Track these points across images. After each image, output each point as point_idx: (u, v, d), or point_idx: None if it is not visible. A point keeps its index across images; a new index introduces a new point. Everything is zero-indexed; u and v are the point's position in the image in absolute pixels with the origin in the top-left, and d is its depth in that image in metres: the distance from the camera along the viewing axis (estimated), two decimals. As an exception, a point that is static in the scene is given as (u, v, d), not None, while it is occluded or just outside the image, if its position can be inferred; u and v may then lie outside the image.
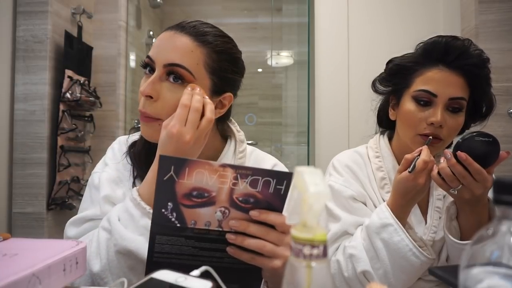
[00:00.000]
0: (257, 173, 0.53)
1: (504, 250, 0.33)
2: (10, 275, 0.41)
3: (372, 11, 2.06)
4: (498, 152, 0.76)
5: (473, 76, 0.89)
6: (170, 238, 0.56)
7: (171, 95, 0.72)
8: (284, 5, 2.44)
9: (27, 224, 1.62)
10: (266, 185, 0.54)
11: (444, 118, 0.87)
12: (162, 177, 0.53)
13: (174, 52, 0.72)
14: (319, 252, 0.31)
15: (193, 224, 0.55)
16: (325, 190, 0.32)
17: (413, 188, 0.80)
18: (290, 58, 2.47)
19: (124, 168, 0.82)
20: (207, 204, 0.55)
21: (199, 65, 0.73)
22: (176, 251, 0.57)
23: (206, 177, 0.53)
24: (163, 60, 0.72)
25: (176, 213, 0.55)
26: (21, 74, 1.64)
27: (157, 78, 0.72)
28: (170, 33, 0.75)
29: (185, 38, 0.74)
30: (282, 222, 0.56)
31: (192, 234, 0.56)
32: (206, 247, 0.57)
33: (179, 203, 0.54)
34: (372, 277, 0.84)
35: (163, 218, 0.55)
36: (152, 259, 0.57)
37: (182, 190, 0.53)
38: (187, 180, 0.53)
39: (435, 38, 0.91)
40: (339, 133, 2.02)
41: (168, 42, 0.74)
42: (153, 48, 0.75)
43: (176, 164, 0.52)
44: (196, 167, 0.52)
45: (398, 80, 0.96)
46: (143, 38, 2.49)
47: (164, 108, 0.72)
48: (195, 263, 0.58)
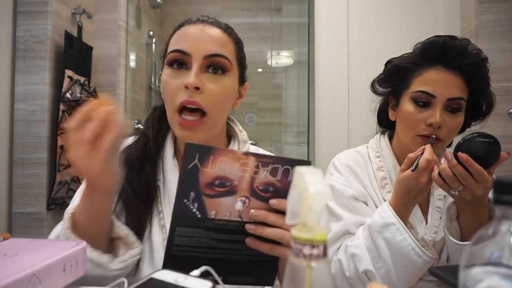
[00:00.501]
0: (278, 162, 0.54)
1: (504, 250, 0.33)
2: (10, 275, 0.41)
3: (372, 11, 2.05)
4: (498, 153, 0.76)
5: (471, 75, 0.88)
6: (190, 230, 0.55)
7: (215, 86, 0.73)
8: (284, 5, 2.44)
9: (27, 224, 1.62)
10: (285, 174, 0.55)
11: (443, 119, 0.87)
12: (186, 166, 0.52)
13: (213, 43, 0.73)
14: (319, 252, 0.31)
15: (214, 215, 0.55)
16: (325, 190, 0.32)
17: (415, 186, 0.80)
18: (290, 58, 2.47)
19: None
20: (228, 194, 0.55)
21: (232, 55, 0.76)
22: (195, 243, 0.56)
23: (229, 165, 0.53)
24: (202, 52, 0.72)
25: (197, 204, 0.54)
26: (21, 74, 1.64)
27: (199, 70, 0.72)
28: (199, 26, 0.75)
29: (217, 30, 0.75)
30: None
31: (212, 225, 0.56)
32: (225, 239, 0.57)
33: (201, 193, 0.54)
34: (374, 277, 0.84)
35: (185, 209, 0.54)
36: (170, 253, 0.56)
37: (205, 179, 0.53)
38: (211, 169, 0.53)
39: (433, 38, 0.91)
40: (339, 133, 2.02)
41: (203, 34, 0.74)
42: (184, 42, 0.74)
43: (201, 152, 0.52)
44: (220, 155, 0.53)
45: (396, 81, 0.96)
46: (143, 38, 2.49)
47: (211, 99, 0.72)
48: (212, 255, 0.57)
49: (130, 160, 0.77)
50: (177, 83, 0.72)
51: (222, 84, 0.74)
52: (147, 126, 0.83)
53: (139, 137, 0.82)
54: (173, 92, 0.73)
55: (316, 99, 2.06)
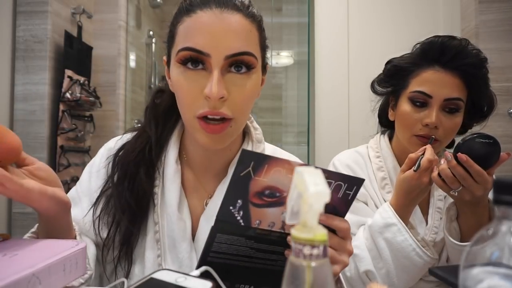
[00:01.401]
0: (331, 177, 0.52)
1: (504, 250, 0.33)
2: (10, 275, 0.41)
3: (372, 11, 2.05)
4: (498, 154, 0.76)
5: (470, 76, 0.88)
6: (230, 237, 0.53)
7: (240, 90, 0.62)
8: (284, 5, 2.44)
9: (27, 224, 1.61)
10: (336, 189, 0.53)
11: (439, 119, 0.87)
12: (239, 173, 0.49)
13: (236, 38, 0.60)
14: (319, 252, 0.31)
15: (257, 224, 0.53)
16: (325, 190, 0.32)
17: (417, 187, 0.80)
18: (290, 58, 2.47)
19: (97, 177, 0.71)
20: (276, 204, 0.52)
21: (257, 45, 0.64)
22: (233, 251, 0.54)
23: (283, 176, 0.51)
24: (224, 51, 0.59)
25: (243, 212, 0.52)
26: (21, 74, 1.64)
27: (220, 75, 0.59)
28: (214, 12, 0.59)
29: (239, 17, 0.61)
30: (345, 228, 0.54)
31: (253, 235, 0.53)
32: (263, 249, 0.55)
33: (249, 201, 0.51)
34: (374, 277, 0.84)
35: (230, 216, 0.52)
36: (206, 258, 0.54)
37: (255, 188, 0.51)
38: (263, 178, 0.50)
39: (432, 38, 0.91)
40: (339, 133, 2.02)
41: (222, 27, 0.59)
42: (199, 37, 0.59)
43: (257, 160, 0.49)
44: (276, 165, 0.50)
45: (395, 81, 0.96)
46: (143, 38, 2.49)
47: (237, 105, 0.61)
48: (248, 264, 0.56)
49: (125, 162, 0.68)
50: (194, 88, 0.61)
51: (247, 85, 0.62)
52: (149, 120, 0.72)
53: (138, 134, 0.72)
54: (190, 100, 0.61)
55: (316, 99, 2.06)
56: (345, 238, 0.55)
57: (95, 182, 0.72)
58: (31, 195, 0.51)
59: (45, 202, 0.53)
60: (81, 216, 0.70)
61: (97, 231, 0.68)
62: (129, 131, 0.76)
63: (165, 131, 0.73)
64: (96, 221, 0.68)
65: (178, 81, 0.63)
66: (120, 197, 0.66)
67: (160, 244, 0.67)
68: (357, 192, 0.54)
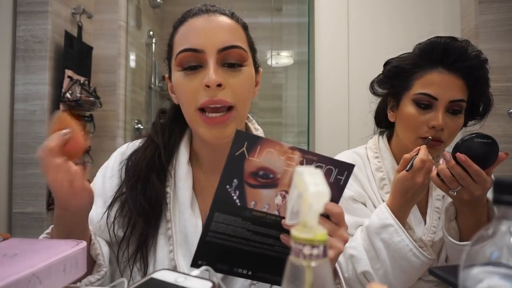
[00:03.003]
0: (322, 161, 0.54)
1: (503, 250, 0.33)
2: (10, 275, 0.41)
3: (372, 11, 2.05)
4: (497, 153, 0.76)
5: (472, 77, 0.89)
6: (227, 217, 0.55)
7: (236, 80, 0.66)
8: (284, 5, 2.44)
9: (27, 224, 1.62)
10: (327, 174, 0.54)
11: (445, 121, 0.87)
12: (234, 152, 0.52)
13: (224, 34, 0.66)
14: (319, 252, 0.31)
15: (253, 205, 0.55)
16: (325, 190, 0.32)
17: (411, 187, 0.80)
18: (290, 58, 2.47)
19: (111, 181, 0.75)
20: (270, 186, 0.54)
21: (245, 43, 0.70)
22: (230, 232, 0.56)
23: (275, 157, 0.53)
24: (216, 45, 0.65)
25: (239, 191, 0.54)
26: (21, 74, 1.64)
27: (216, 65, 0.65)
28: (204, 17, 0.68)
29: (224, 17, 0.69)
30: (338, 213, 0.55)
31: (250, 216, 0.55)
32: (260, 232, 0.57)
33: (244, 181, 0.54)
34: (372, 278, 0.84)
35: (226, 195, 0.54)
36: (205, 238, 0.56)
37: (249, 168, 0.53)
38: (257, 159, 0.53)
39: (433, 39, 0.91)
40: (339, 133, 2.02)
41: (211, 25, 0.66)
42: (192, 38, 0.66)
43: (250, 140, 0.52)
44: (268, 146, 0.52)
45: (397, 82, 0.95)
46: (143, 38, 2.49)
47: (236, 93, 0.66)
48: (246, 247, 0.57)
49: (136, 169, 0.72)
50: (194, 84, 0.66)
51: (242, 77, 0.67)
52: (155, 131, 0.77)
53: (147, 142, 0.76)
54: (191, 94, 0.66)
55: (316, 99, 2.06)
56: (339, 224, 0.56)
57: (109, 184, 0.74)
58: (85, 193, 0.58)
59: (88, 199, 0.59)
60: (95, 216, 0.72)
61: (113, 233, 0.71)
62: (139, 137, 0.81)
63: (172, 138, 0.77)
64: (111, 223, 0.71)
65: (179, 83, 0.68)
66: (135, 201, 0.70)
67: (172, 240, 0.70)
68: (349, 177, 0.55)
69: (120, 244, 0.71)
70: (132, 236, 0.70)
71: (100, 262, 0.66)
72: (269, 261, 0.59)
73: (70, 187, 0.56)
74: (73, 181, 0.55)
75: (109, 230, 0.71)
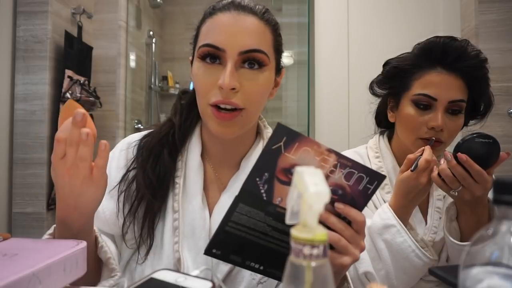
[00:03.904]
0: (355, 167, 0.53)
1: (504, 250, 0.33)
2: (10, 275, 0.41)
3: (372, 11, 2.05)
4: (498, 153, 0.76)
5: (472, 77, 0.88)
6: (251, 210, 0.54)
7: (252, 83, 0.67)
8: (284, 5, 2.44)
9: (27, 224, 1.62)
10: (358, 181, 0.54)
11: (444, 122, 0.87)
12: (271, 145, 0.51)
13: (249, 37, 0.66)
14: (319, 252, 0.31)
15: (279, 202, 0.54)
16: (325, 190, 0.32)
17: (415, 187, 0.80)
18: (290, 58, 2.47)
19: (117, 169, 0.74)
20: None
21: (270, 47, 0.70)
22: (251, 225, 0.56)
23: (310, 157, 0.52)
24: (238, 47, 0.65)
25: (267, 186, 0.53)
26: (21, 74, 1.64)
27: (233, 68, 0.65)
28: (232, 14, 0.67)
29: (253, 19, 0.68)
30: (361, 221, 0.55)
31: (273, 211, 0.55)
32: (279, 228, 0.56)
33: (275, 176, 0.53)
34: (374, 278, 0.83)
35: (254, 187, 0.53)
36: (224, 227, 0.55)
37: (283, 164, 0.52)
38: (292, 155, 0.52)
39: (432, 39, 0.91)
40: (339, 133, 2.02)
41: (238, 26, 0.66)
42: (217, 34, 0.67)
43: (289, 136, 0.51)
44: (305, 145, 0.52)
45: (396, 83, 0.95)
46: (143, 38, 2.49)
47: (249, 97, 0.67)
48: (262, 242, 0.57)
49: (149, 145, 0.73)
50: (210, 80, 0.66)
51: (259, 80, 0.68)
52: (174, 111, 0.78)
53: (164, 122, 0.78)
54: (206, 89, 0.67)
55: (316, 99, 2.06)
56: (359, 232, 0.56)
57: (114, 174, 0.74)
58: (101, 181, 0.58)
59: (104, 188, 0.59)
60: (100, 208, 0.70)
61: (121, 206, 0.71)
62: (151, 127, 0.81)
63: (188, 120, 0.77)
64: (121, 196, 0.71)
65: (197, 74, 0.69)
66: (144, 174, 0.70)
67: (178, 232, 0.70)
68: (377, 188, 0.55)
69: (125, 218, 0.70)
70: (139, 209, 0.70)
71: (113, 266, 0.65)
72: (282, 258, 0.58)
73: (89, 174, 0.55)
74: (92, 168, 0.55)
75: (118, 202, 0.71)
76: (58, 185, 0.56)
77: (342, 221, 0.55)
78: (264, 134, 0.80)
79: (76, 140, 0.53)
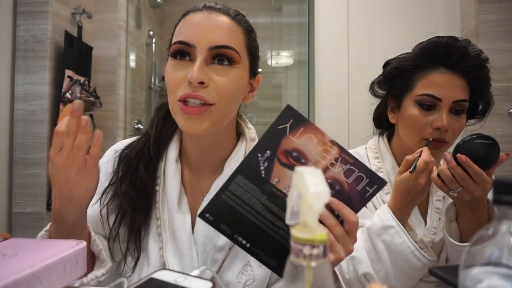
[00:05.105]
0: (356, 165, 0.54)
1: (504, 250, 0.33)
2: (10, 275, 0.41)
3: (372, 11, 2.05)
4: (498, 154, 0.76)
5: (474, 77, 0.89)
6: (248, 183, 0.56)
7: (222, 78, 0.67)
8: (284, 5, 2.44)
9: (27, 224, 1.62)
10: (357, 180, 0.54)
11: (449, 122, 0.87)
12: (277, 125, 0.53)
13: (219, 33, 0.67)
14: (319, 252, 0.31)
15: (275, 182, 0.55)
16: (325, 190, 0.32)
17: (414, 188, 0.80)
18: (290, 58, 2.47)
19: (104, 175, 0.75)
20: None
21: (242, 45, 0.70)
22: (246, 199, 0.57)
23: (313, 144, 0.53)
24: (207, 43, 0.66)
25: (267, 163, 0.55)
26: (21, 74, 1.64)
27: (203, 63, 0.66)
28: (204, 13, 0.69)
29: (224, 17, 0.69)
30: (353, 222, 0.55)
31: (269, 190, 0.56)
32: (272, 210, 0.57)
33: (276, 156, 0.54)
34: (373, 279, 0.84)
35: (255, 162, 0.55)
36: (221, 195, 0.57)
37: (285, 146, 0.54)
38: (296, 139, 0.53)
39: (434, 39, 0.90)
40: (339, 133, 2.02)
41: (208, 23, 0.67)
42: (188, 31, 0.68)
43: (296, 119, 0.53)
44: (310, 131, 0.53)
45: (398, 83, 0.95)
46: (143, 38, 2.49)
47: (218, 92, 0.66)
48: (254, 219, 0.58)
49: (127, 160, 0.74)
50: (180, 75, 0.67)
51: (229, 76, 0.68)
52: (151, 124, 0.79)
53: (141, 136, 0.78)
54: (175, 85, 0.67)
55: (316, 99, 2.06)
56: (349, 233, 0.55)
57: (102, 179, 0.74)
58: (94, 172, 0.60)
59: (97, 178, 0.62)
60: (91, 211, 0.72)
61: (105, 219, 0.72)
62: (134, 135, 0.83)
63: (163, 131, 0.78)
64: (103, 210, 0.72)
65: (168, 72, 0.70)
66: (123, 190, 0.71)
67: (161, 238, 0.72)
68: (376, 192, 0.55)
69: (111, 230, 0.72)
70: (122, 226, 0.71)
71: (103, 257, 0.67)
72: (270, 242, 0.59)
73: (84, 165, 0.58)
74: (87, 159, 0.58)
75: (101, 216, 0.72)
76: (54, 178, 0.59)
77: (334, 217, 0.55)
78: (247, 135, 0.79)
79: (73, 129, 0.56)
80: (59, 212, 0.60)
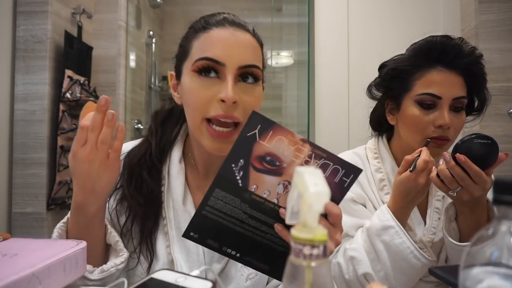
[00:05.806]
0: (330, 159, 0.54)
1: (503, 250, 0.33)
2: (10, 275, 0.41)
3: (372, 11, 2.05)
4: (497, 154, 0.76)
5: (470, 73, 0.89)
6: (227, 195, 0.56)
7: (249, 98, 0.69)
8: (284, 5, 2.44)
9: (27, 224, 1.62)
10: (333, 173, 0.54)
11: (451, 119, 0.87)
12: (245, 133, 0.53)
13: (246, 52, 0.68)
14: (319, 252, 0.31)
15: (254, 189, 0.55)
16: (325, 190, 0.32)
17: (413, 188, 0.80)
18: (290, 58, 2.47)
19: None
20: (274, 173, 0.55)
21: (261, 62, 0.73)
22: (227, 211, 0.57)
23: (285, 146, 0.53)
24: (237, 62, 0.67)
25: (243, 172, 0.55)
26: (21, 74, 1.64)
27: (233, 82, 0.67)
28: (229, 30, 0.69)
29: (248, 35, 0.70)
30: (336, 214, 0.55)
31: (249, 198, 0.56)
32: (255, 216, 0.57)
33: (250, 163, 0.54)
34: (373, 279, 0.84)
35: (230, 173, 0.55)
36: (201, 211, 0.57)
37: (258, 152, 0.54)
38: (267, 143, 0.53)
39: (429, 39, 0.91)
40: (339, 133, 2.02)
41: (235, 42, 0.68)
42: (215, 49, 0.67)
43: (263, 123, 0.52)
44: (279, 134, 0.53)
45: (396, 85, 0.95)
46: (143, 38, 2.49)
47: (245, 112, 0.67)
48: (239, 229, 0.58)
49: (130, 166, 0.75)
50: (208, 94, 0.67)
51: (255, 94, 0.70)
52: (150, 132, 0.80)
53: (142, 142, 0.79)
54: (203, 103, 0.67)
55: (316, 99, 2.06)
56: (335, 225, 0.56)
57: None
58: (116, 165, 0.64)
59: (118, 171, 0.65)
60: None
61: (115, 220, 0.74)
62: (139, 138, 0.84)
63: (164, 137, 0.79)
64: (113, 213, 0.74)
65: (191, 88, 0.69)
66: (131, 196, 0.73)
67: (168, 236, 0.73)
68: (354, 181, 0.55)
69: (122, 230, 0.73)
70: (133, 226, 0.73)
71: (121, 247, 0.69)
72: (258, 247, 0.59)
73: (106, 158, 0.61)
74: (109, 153, 0.61)
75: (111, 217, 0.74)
76: (77, 172, 0.61)
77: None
78: None
79: (98, 124, 0.60)
80: (81, 204, 0.62)
